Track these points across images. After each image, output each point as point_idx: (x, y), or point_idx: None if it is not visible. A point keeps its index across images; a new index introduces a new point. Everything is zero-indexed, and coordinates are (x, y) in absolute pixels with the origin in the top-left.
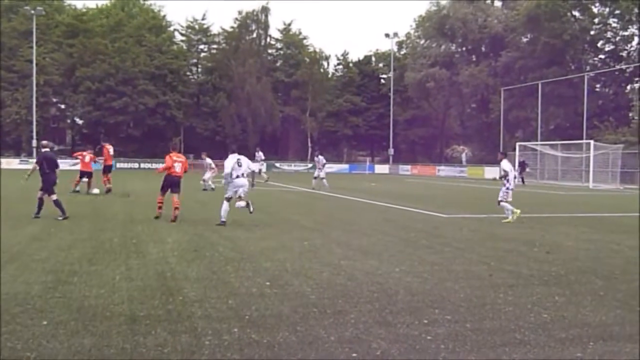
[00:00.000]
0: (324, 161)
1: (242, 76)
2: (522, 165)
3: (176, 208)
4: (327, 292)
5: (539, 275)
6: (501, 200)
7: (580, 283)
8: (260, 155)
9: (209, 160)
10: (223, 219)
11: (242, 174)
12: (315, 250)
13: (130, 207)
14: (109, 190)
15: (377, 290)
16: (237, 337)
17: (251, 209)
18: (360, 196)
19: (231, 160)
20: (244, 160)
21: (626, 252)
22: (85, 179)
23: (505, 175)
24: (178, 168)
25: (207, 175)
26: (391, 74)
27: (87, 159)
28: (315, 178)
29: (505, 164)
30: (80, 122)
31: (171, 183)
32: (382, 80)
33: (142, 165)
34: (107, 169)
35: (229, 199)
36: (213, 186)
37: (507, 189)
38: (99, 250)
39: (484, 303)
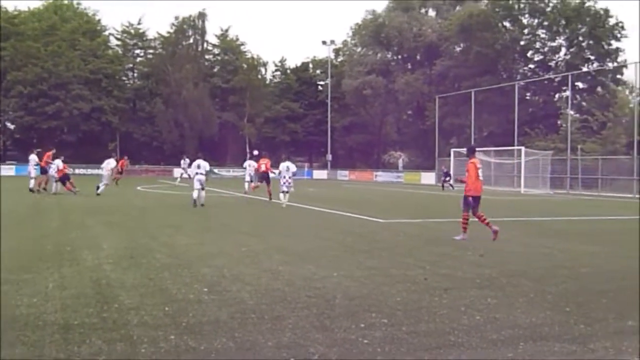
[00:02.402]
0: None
1: (179, 81)
2: (447, 174)
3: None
4: (265, 297)
5: (473, 278)
6: (287, 191)
7: (512, 285)
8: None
9: (56, 163)
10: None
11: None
12: (254, 255)
13: (66, 214)
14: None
15: (315, 295)
16: (174, 344)
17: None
18: (299, 201)
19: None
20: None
21: (556, 255)
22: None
23: (280, 172)
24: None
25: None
26: (328, 81)
27: (61, 164)
28: (250, 182)
29: (281, 165)
30: (11, 127)
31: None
32: (320, 87)
33: (77, 171)
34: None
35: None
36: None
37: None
38: (32, 257)
39: (420, 306)
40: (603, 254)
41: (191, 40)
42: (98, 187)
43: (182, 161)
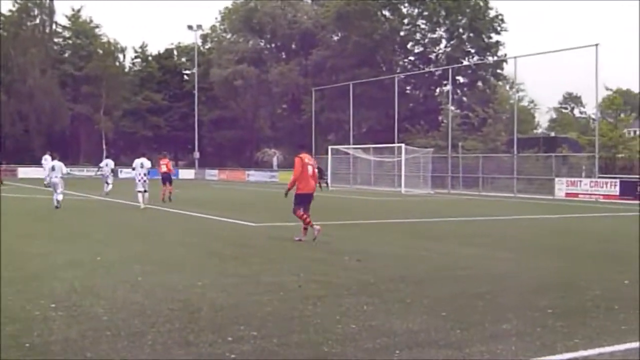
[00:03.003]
0: (112, 165)
1: (23, 68)
2: (320, 172)
3: None
4: (121, 312)
5: (349, 284)
6: (145, 191)
7: (389, 291)
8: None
9: None
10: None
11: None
12: (110, 265)
13: None
14: None
15: (177, 307)
16: None
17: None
18: (162, 204)
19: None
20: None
21: (434, 258)
22: None
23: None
24: None
25: None
26: (195, 70)
27: None
28: (106, 183)
29: (135, 162)
30: None
31: None
32: (186, 77)
33: None
34: None
35: None
36: None
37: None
38: None
39: (292, 316)
40: (481, 256)
41: (37, 21)
42: None
43: (45, 157)
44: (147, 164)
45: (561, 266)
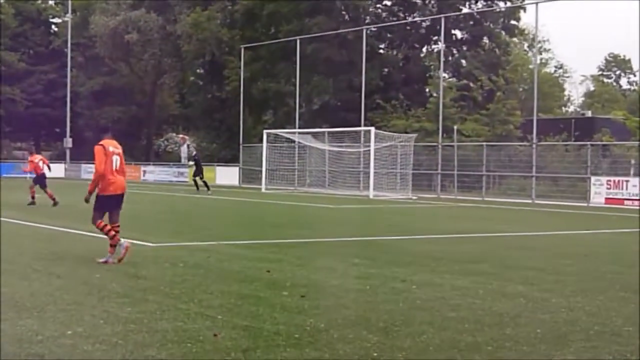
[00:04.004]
0: None
1: None
2: (195, 161)
3: None
4: None
5: (288, 332)
6: None
7: (345, 341)
8: None
9: None
10: None
11: None
12: None
13: None
14: None
15: None
16: None
17: None
18: (15, 216)
19: None
20: None
21: (412, 292)
22: None
23: None
24: None
25: None
26: (69, 18)
27: None
28: None
29: None
30: None
31: None
32: (55, 28)
33: None
34: None
35: None
36: None
37: None
38: None
39: None
40: (479, 290)
41: None
42: None
43: None
44: None
45: (594, 304)
